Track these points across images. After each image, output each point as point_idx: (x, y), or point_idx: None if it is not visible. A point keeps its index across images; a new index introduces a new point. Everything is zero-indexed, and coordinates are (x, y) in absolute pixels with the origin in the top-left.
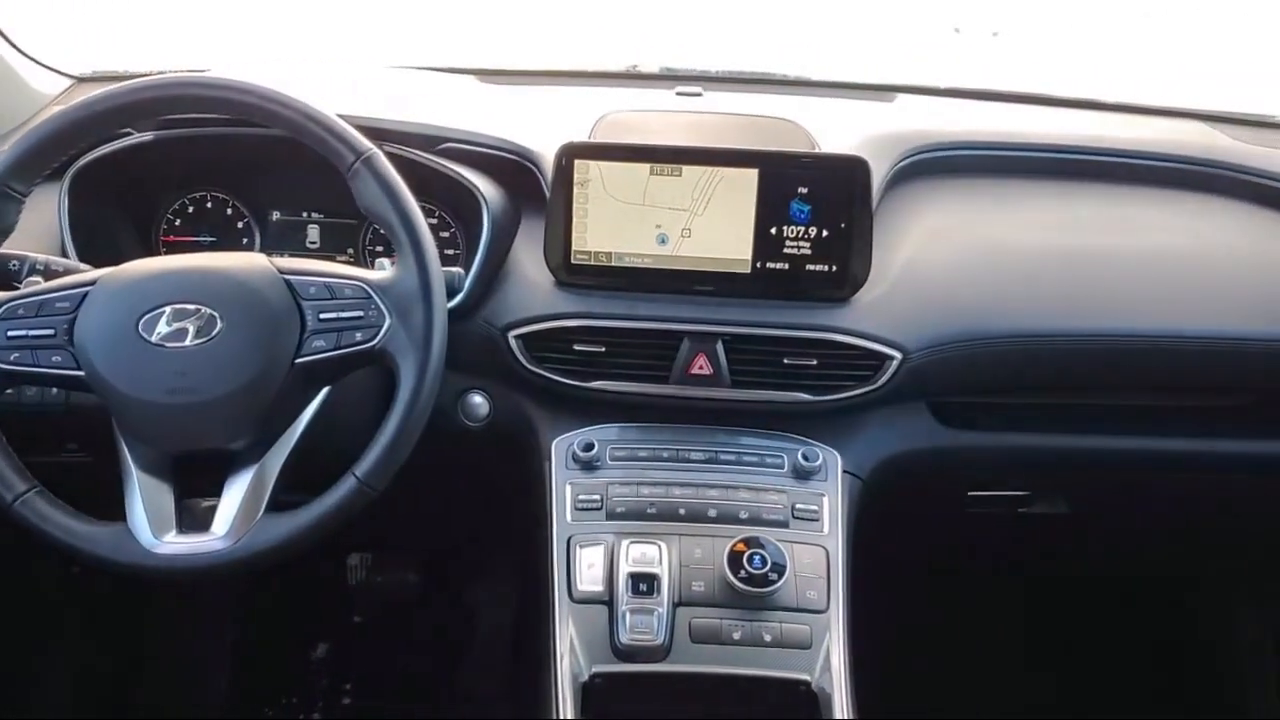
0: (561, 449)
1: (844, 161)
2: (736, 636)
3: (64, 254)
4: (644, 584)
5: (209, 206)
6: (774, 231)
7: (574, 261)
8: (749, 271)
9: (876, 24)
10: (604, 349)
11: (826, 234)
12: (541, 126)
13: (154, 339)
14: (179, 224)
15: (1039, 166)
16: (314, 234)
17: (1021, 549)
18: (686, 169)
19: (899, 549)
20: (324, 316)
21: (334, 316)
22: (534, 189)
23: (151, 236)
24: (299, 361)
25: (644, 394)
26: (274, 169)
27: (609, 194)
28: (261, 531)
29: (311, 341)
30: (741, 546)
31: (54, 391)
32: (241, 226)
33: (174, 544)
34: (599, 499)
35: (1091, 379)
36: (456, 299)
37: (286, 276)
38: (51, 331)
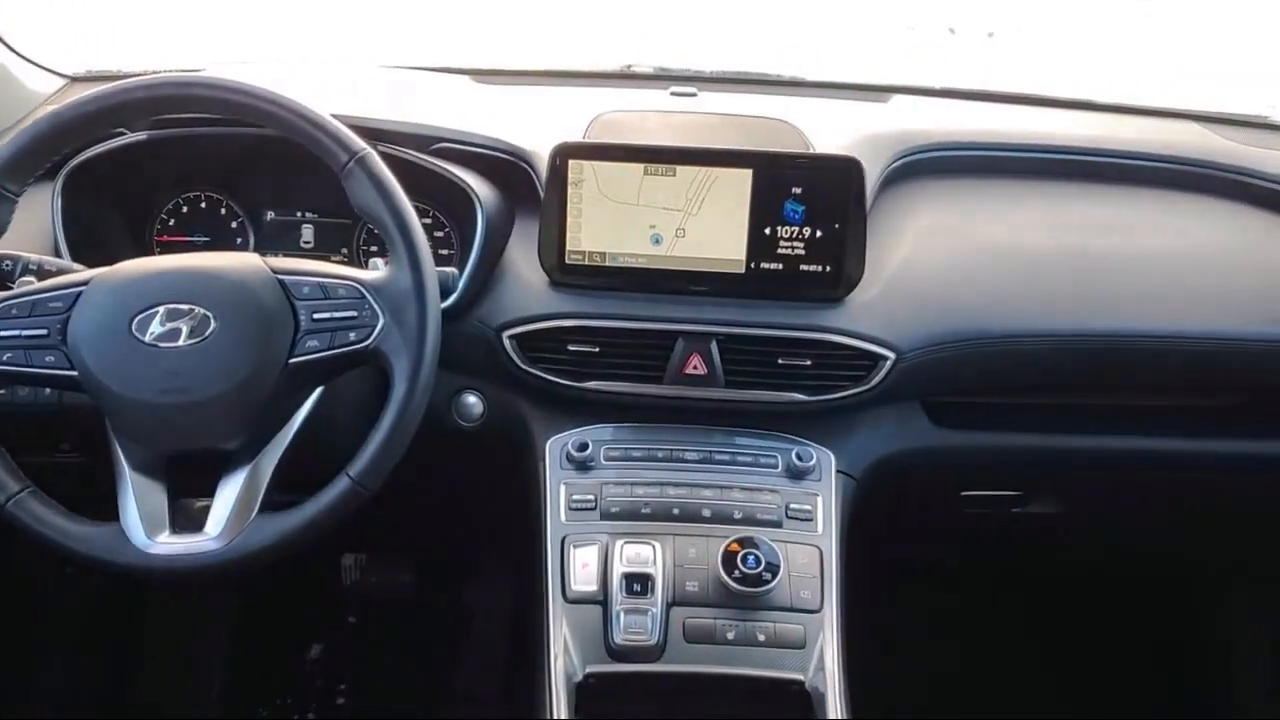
0: (556, 449)
1: (838, 162)
2: (730, 636)
3: (57, 254)
4: (638, 584)
5: (203, 206)
6: (768, 232)
7: (568, 261)
8: (743, 272)
9: (871, 25)
10: (598, 349)
11: (820, 234)
12: (536, 126)
13: (147, 339)
14: (173, 224)
15: (1033, 167)
16: (308, 234)
17: (1015, 549)
18: (681, 169)
19: (893, 549)
20: (318, 316)
21: (327, 316)
22: (528, 189)
23: (145, 236)
24: (293, 361)
25: (638, 394)
26: (268, 169)
27: (603, 194)
28: (255, 532)
29: (305, 341)
30: (735, 546)
31: (47, 392)
32: (235, 226)
33: (167, 544)
34: (593, 499)
35: (1085, 379)
36: (450, 299)
37: (280, 276)
38: (44, 331)
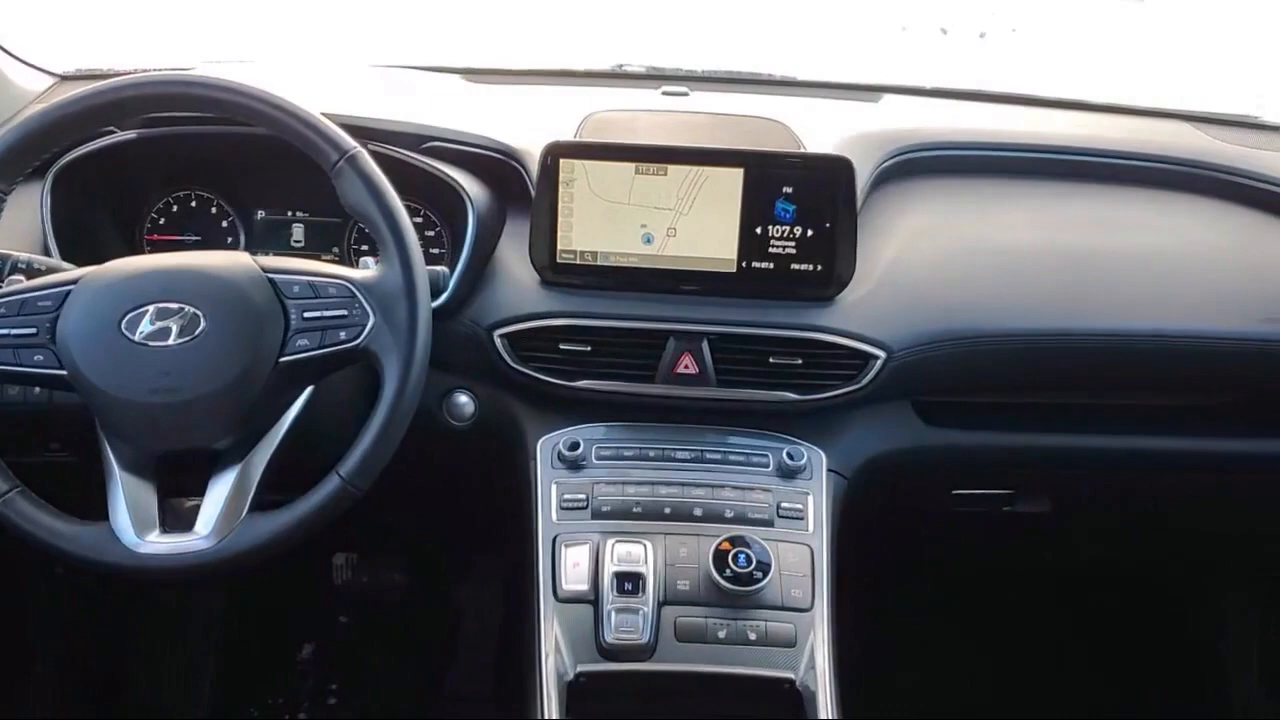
0: (547, 448)
1: (829, 161)
2: (721, 635)
3: (46, 253)
4: (629, 583)
5: (193, 205)
6: (759, 231)
7: (559, 261)
8: (734, 271)
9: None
10: (589, 348)
11: (811, 233)
12: (527, 126)
13: (137, 338)
14: (163, 223)
15: (1024, 167)
16: (299, 233)
17: (1006, 547)
18: (672, 168)
19: (884, 547)
20: (308, 315)
21: (318, 315)
22: (519, 188)
23: (136, 235)
24: (283, 360)
25: (630, 393)
26: (259, 168)
27: (594, 193)
28: (245, 531)
29: (295, 340)
30: (727, 545)
31: (36, 391)
32: (226, 225)
33: (157, 544)
34: (584, 498)
35: (1075, 378)
36: (441, 298)
37: (270, 275)
38: (33, 330)
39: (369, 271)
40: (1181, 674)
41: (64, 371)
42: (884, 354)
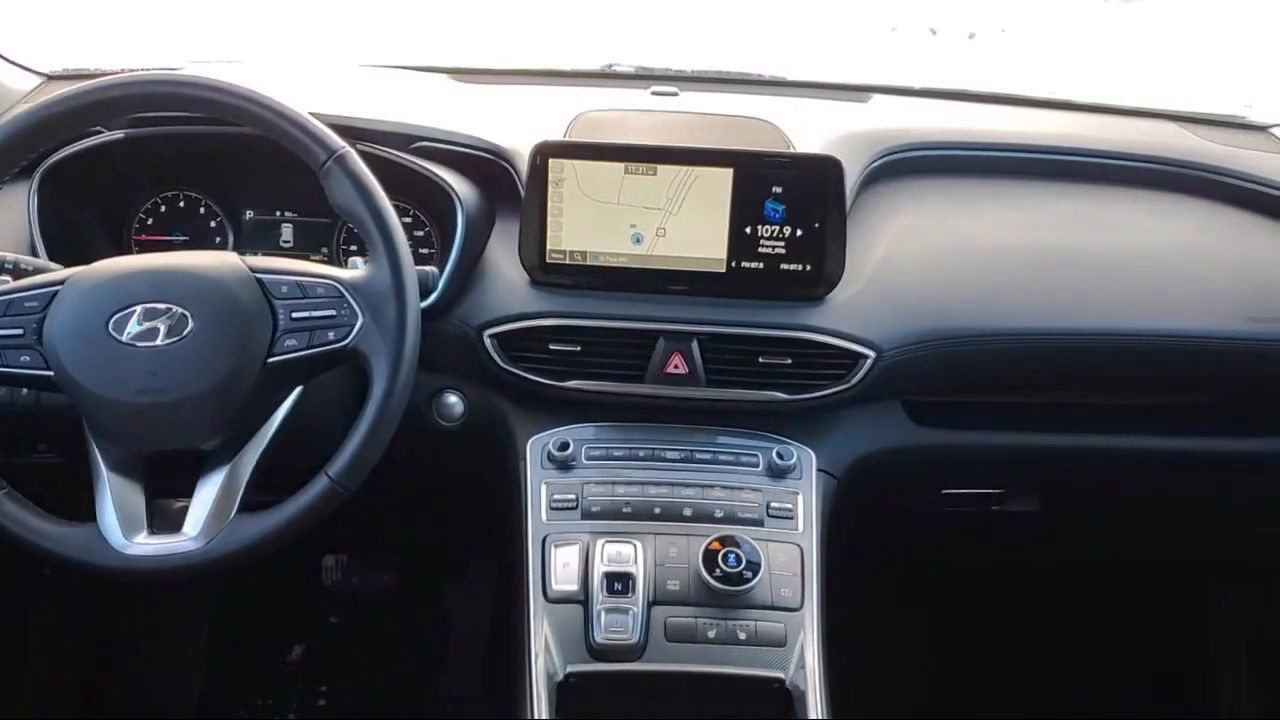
0: (537, 448)
1: (818, 161)
2: (711, 635)
3: (33, 253)
4: (619, 583)
5: (181, 206)
6: (749, 231)
7: (549, 261)
8: (724, 271)
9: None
10: (579, 348)
11: (801, 233)
12: (516, 126)
13: (124, 338)
14: (151, 223)
15: (1012, 167)
16: (287, 233)
17: (996, 546)
18: (661, 168)
19: (874, 547)
20: (296, 315)
21: (306, 315)
22: (509, 188)
23: (123, 236)
24: (271, 361)
25: (619, 393)
26: (247, 168)
27: (584, 193)
28: (233, 532)
29: (284, 341)
30: (716, 545)
31: (24, 392)
32: (214, 226)
33: (145, 545)
34: (574, 498)
35: (1063, 377)
36: (430, 298)
37: (258, 275)
38: (20, 331)
39: (357, 272)
40: (1170, 673)
41: (51, 372)
42: (873, 354)
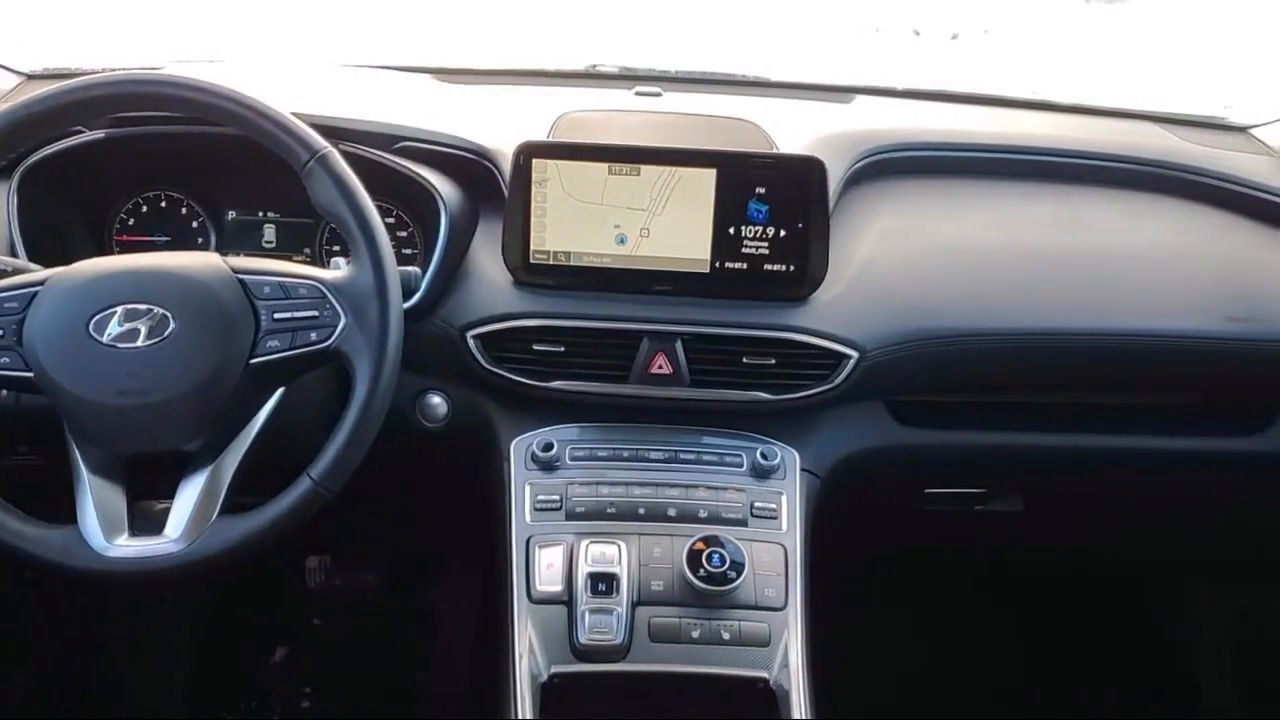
0: (521, 449)
1: (801, 162)
2: (695, 635)
3: (13, 253)
4: (603, 584)
5: (163, 206)
6: (732, 231)
7: (533, 261)
8: (708, 271)
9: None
10: (563, 349)
11: (784, 234)
12: (500, 126)
13: (105, 339)
14: (133, 224)
15: (995, 167)
16: (270, 234)
17: (979, 545)
18: (645, 169)
19: (858, 546)
20: (278, 316)
21: (288, 316)
22: (492, 188)
23: (105, 236)
24: (253, 362)
25: (604, 394)
26: (229, 168)
27: (567, 193)
28: (215, 534)
29: (266, 341)
30: (701, 545)
31: (3, 393)
32: (196, 226)
33: (126, 547)
34: (558, 499)
35: (1044, 377)
36: (414, 299)
37: (240, 276)
38: None
39: (340, 272)
40: (1153, 671)
41: (30, 373)
42: (856, 354)
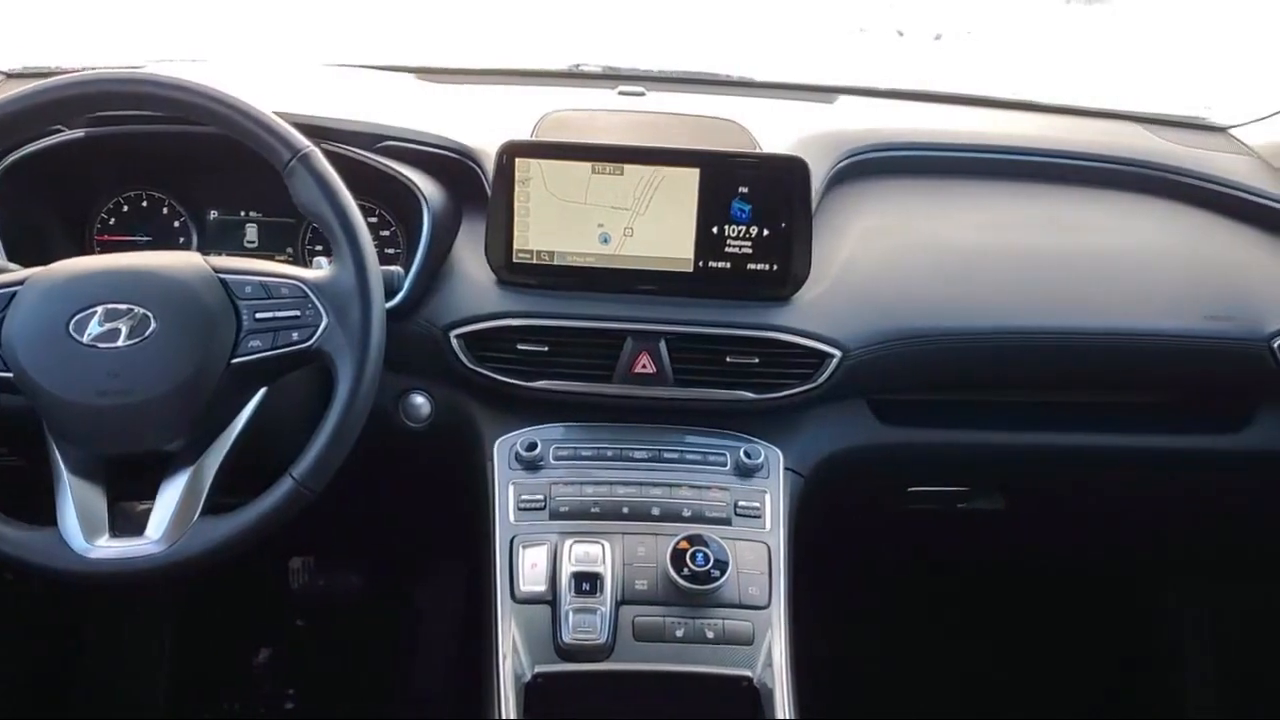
0: (504, 449)
1: (783, 162)
2: (679, 634)
3: None
4: (587, 583)
5: (144, 205)
6: (715, 231)
7: (516, 260)
8: (691, 271)
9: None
10: (547, 348)
11: (767, 233)
12: (483, 125)
13: (85, 339)
14: (113, 223)
15: (977, 167)
16: (252, 233)
17: (962, 544)
18: (628, 168)
19: (841, 545)
20: (260, 316)
21: (270, 316)
22: (475, 188)
23: (85, 236)
24: (235, 362)
25: (587, 393)
26: (211, 167)
27: (551, 193)
28: (197, 535)
29: (248, 341)
30: (684, 544)
31: None
32: (178, 226)
33: (106, 548)
34: (542, 499)
35: (1027, 376)
36: (396, 298)
37: (222, 275)
38: None
39: (322, 272)
40: (1134, 671)
41: (9, 374)
42: (839, 353)
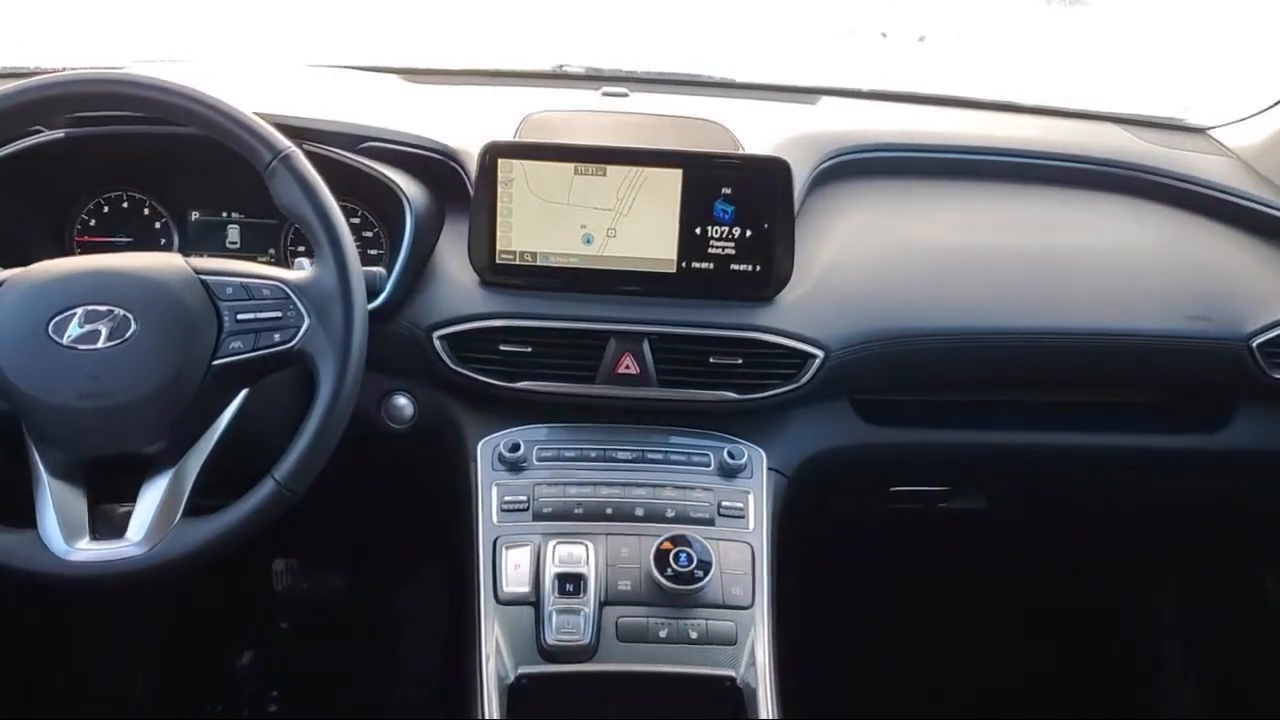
0: (487, 450)
1: (766, 163)
2: (663, 634)
3: None
4: (570, 584)
5: (125, 206)
6: (699, 232)
7: (499, 261)
8: (674, 271)
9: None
10: (530, 349)
11: (750, 234)
12: (466, 126)
13: (65, 341)
14: (94, 224)
15: (959, 168)
16: (234, 234)
17: (944, 543)
18: (611, 169)
19: (824, 544)
20: (241, 317)
21: (252, 317)
22: (458, 188)
23: (65, 237)
24: (216, 363)
25: (571, 394)
26: (192, 168)
27: (533, 193)
28: (178, 537)
29: (229, 343)
30: (668, 545)
31: None
32: (159, 227)
33: (87, 551)
34: (525, 500)
35: (1008, 376)
36: (379, 299)
37: (203, 277)
38: None
39: (303, 273)
40: (1116, 670)
41: None
42: (822, 353)
